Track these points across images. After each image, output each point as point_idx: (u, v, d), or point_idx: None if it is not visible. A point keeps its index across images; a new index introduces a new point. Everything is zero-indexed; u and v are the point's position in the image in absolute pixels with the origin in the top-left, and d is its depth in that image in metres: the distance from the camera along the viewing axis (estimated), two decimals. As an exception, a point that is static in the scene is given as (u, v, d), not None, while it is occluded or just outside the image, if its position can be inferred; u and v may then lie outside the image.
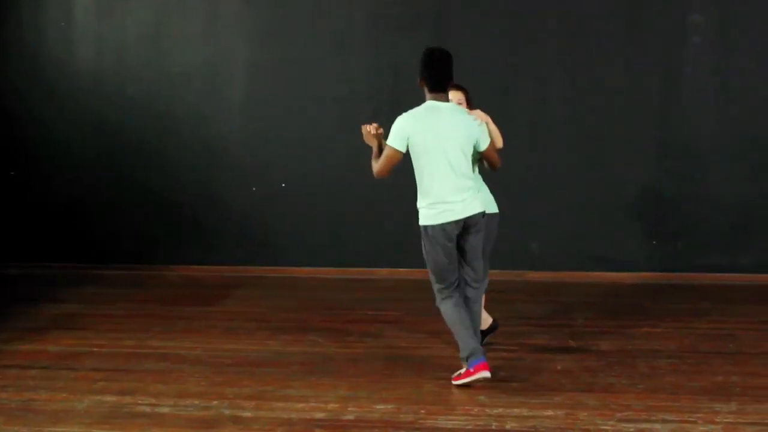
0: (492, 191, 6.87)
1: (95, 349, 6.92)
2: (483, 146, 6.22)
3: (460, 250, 6.18)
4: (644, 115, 9.48)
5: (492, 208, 6.63)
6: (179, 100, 9.95)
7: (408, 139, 6.07)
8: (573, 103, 9.54)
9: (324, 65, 9.65)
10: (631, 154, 9.50)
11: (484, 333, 6.74)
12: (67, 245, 10.14)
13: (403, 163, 6.22)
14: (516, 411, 5.52)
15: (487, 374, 5.91)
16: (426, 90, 6.25)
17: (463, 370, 6.01)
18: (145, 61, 9.98)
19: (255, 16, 9.86)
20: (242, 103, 9.93)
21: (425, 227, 6.13)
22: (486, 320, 6.83)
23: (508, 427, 5.28)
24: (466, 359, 5.99)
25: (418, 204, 6.17)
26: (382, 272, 9.65)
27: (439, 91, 6.21)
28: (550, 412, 5.50)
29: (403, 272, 9.66)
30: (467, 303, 6.24)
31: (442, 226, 6.05)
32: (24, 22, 10.06)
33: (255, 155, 9.88)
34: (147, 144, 9.99)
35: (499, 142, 6.49)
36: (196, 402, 5.71)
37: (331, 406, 5.64)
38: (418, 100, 9.64)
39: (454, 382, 6.02)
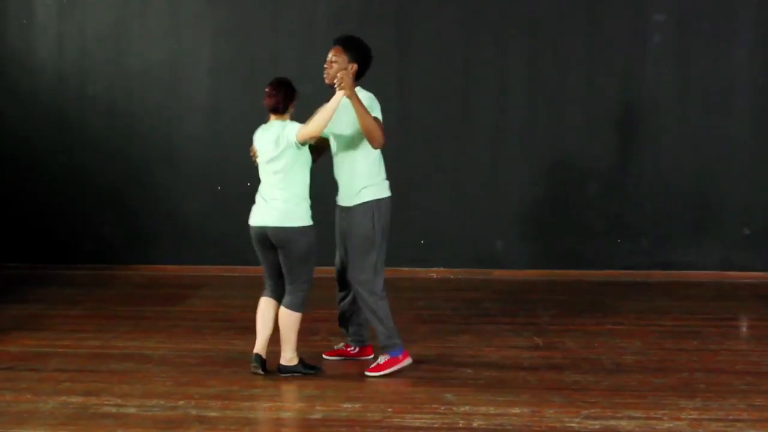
0: (457, 189, 6.86)
1: (59, 350, 6.86)
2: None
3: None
4: (606, 113, 9.54)
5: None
6: (141, 99, 9.88)
7: None
8: (534, 101, 9.58)
9: (286, 63, 9.60)
10: (594, 153, 9.55)
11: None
12: (27, 245, 10.04)
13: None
14: (483, 409, 5.53)
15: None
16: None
17: (386, 358, 6.13)
18: (106, 59, 9.90)
19: (216, 15, 9.82)
20: (204, 102, 9.88)
21: (381, 200, 6.20)
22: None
23: (475, 425, 5.28)
24: (393, 347, 6.16)
25: (367, 181, 6.17)
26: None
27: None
28: (516, 410, 5.52)
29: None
30: None
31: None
32: (-16, 20, 9.95)
33: (218, 154, 9.83)
34: (108, 143, 9.91)
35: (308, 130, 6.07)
36: (162, 402, 5.67)
37: (297, 405, 5.64)
38: (382, 95, 9.67)
39: (379, 373, 6.12)
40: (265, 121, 6.25)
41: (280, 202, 6.07)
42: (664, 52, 9.46)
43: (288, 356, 6.16)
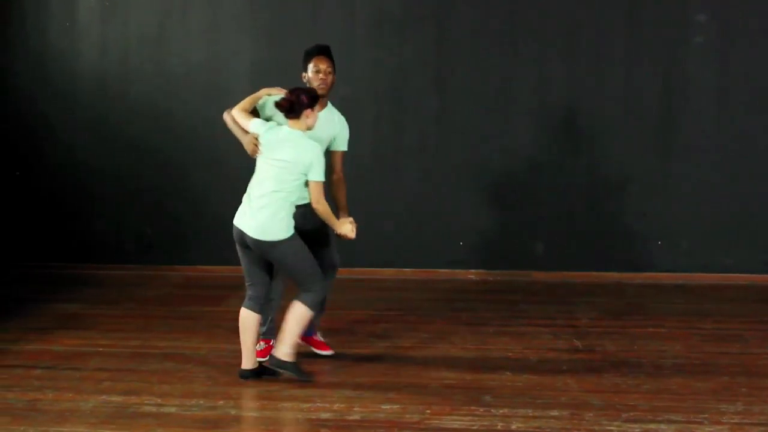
0: (496, 191, 6.85)
1: (100, 349, 6.92)
2: None
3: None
4: (646, 115, 9.46)
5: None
6: (182, 101, 9.94)
7: None
8: (574, 102, 9.53)
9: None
10: (635, 154, 9.49)
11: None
12: (71, 245, 10.13)
13: (398, 163, 6.23)
14: (521, 411, 5.52)
15: None
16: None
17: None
18: (148, 61, 9.98)
19: (258, 16, 9.85)
20: (246, 103, 9.91)
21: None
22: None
23: (513, 427, 5.28)
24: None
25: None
26: (387, 272, 9.64)
27: None
28: (555, 413, 5.50)
29: (407, 272, 9.66)
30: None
31: None
32: (28, 23, 10.05)
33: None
34: (150, 144, 9.98)
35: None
36: (202, 402, 5.71)
37: (336, 406, 5.65)
38: (421, 100, 9.70)
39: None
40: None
41: (267, 211, 6.05)
42: (705, 52, 9.37)
43: (285, 350, 6.08)
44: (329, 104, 6.55)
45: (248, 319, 6.17)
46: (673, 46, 9.40)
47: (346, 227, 6.12)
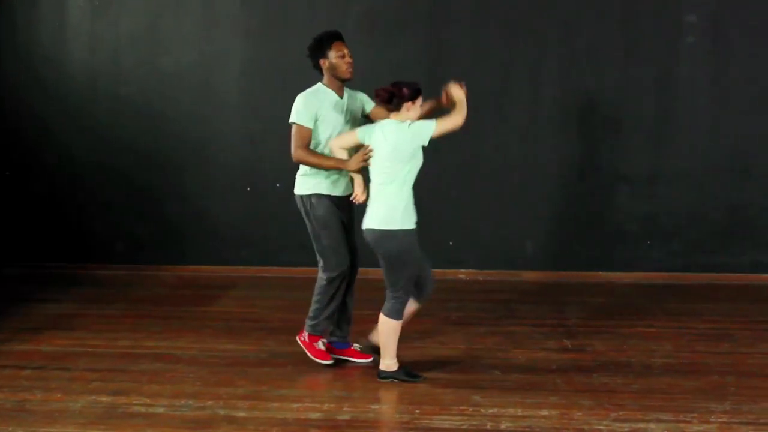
0: (487, 191, 6.84)
1: (90, 349, 6.92)
2: None
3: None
4: (639, 114, 9.48)
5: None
6: (174, 100, 9.92)
7: None
8: (568, 102, 9.53)
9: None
10: (626, 154, 9.50)
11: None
12: (61, 245, 10.12)
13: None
14: (511, 411, 5.54)
15: None
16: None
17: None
18: (139, 60, 9.96)
19: (249, 15, 9.83)
20: (237, 103, 9.91)
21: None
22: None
23: (503, 426, 5.29)
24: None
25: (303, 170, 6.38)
26: (377, 272, 9.60)
27: None
28: (545, 412, 5.51)
29: (398, 272, 9.66)
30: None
31: None
32: (18, 22, 10.03)
33: (249, 155, 9.86)
34: (141, 144, 9.97)
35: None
36: (191, 402, 5.71)
37: (326, 406, 5.65)
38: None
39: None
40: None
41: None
42: (697, 52, 9.39)
43: (386, 362, 6.11)
44: (346, 88, 6.55)
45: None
46: (667, 46, 9.41)
47: (456, 90, 6.22)
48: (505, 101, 9.60)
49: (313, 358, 6.45)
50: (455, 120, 6.04)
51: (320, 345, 6.53)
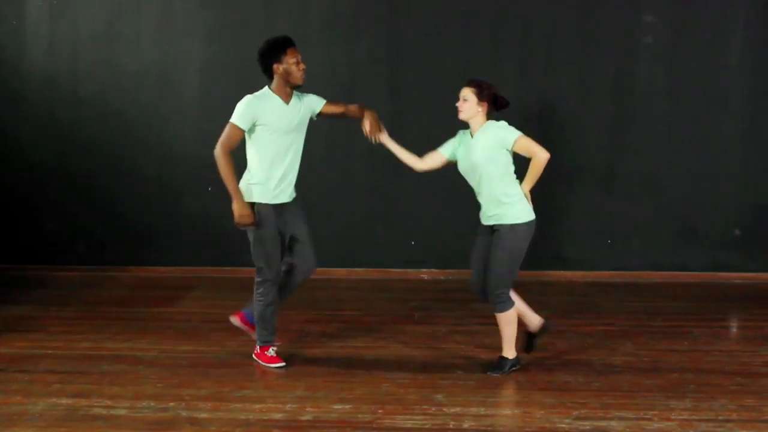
0: (447, 191, 6.82)
1: (50, 351, 6.85)
2: None
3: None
4: (597, 114, 9.54)
5: None
6: (133, 99, 9.86)
7: None
8: (526, 105, 9.57)
9: (279, 64, 9.61)
10: (585, 153, 9.56)
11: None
12: (18, 246, 10.03)
13: (350, 163, 6.25)
14: (473, 410, 5.55)
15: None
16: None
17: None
18: (98, 60, 9.88)
19: (209, 15, 9.80)
20: (197, 102, 9.86)
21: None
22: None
23: (465, 425, 5.30)
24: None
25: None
26: (340, 272, 9.64)
27: None
28: (507, 411, 5.55)
29: (360, 272, 9.68)
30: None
31: None
32: (-25, 21, 9.94)
33: (210, 155, 9.75)
34: (100, 143, 9.89)
35: None
36: (153, 404, 5.67)
37: (288, 406, 5.64)
38: (374, 101, 9.68)
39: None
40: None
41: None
42: (655, 52, 9.47)
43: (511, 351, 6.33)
44: (294, 93, 6.53)
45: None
46: (624, 46, 9.49)
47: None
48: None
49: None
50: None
51: (271, 352, 6.56)
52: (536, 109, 9.57)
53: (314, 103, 6.59)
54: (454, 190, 9.71)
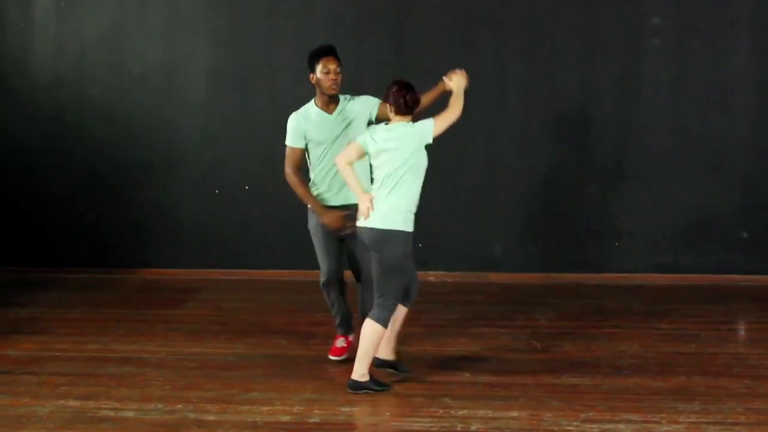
0: (453, 193, 6.85)
1: (57, 354, 6.86)
2: None
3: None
4: (603, 115, 9.53)
5: None
6: (139, 101, 9.86)
7: None
8: (531, 103, 9.56)
9: (283, 66, 9.61)
10: (591, 155, 9.55)
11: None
12: (25, 248, 10.02)
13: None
14: (481, 413, 5.55)
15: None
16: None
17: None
18: (104, 62, 9.88)
19: (214, 17, 9.80)
20: (202, 104, 9.86)
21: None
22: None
23: (473, 428, 5.30)
24: None
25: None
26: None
27: None
28: (515, 414, 5.53)
29: (366, 274, 9.66)
30: None
31: None
32: (-18, 23, 9.96)
33: (216, 157, 9.82)
34: (106, 145, 9.89)
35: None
36: (160, 406, 5.68)
37: (296, 408, 5.64)
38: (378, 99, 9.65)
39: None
40: (266, 122, 6.24)
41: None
42: (660, 54, 9.46)
43: (361, 371, 5.98)
44: (340, 98, 6.63)
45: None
46: (629, 48, 9.47)
47: (458, 78, 6.39)
48: (469, 102, 9.58)
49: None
50: (453, 113, 6.16)
51: (339, 342, 6.72)
52: (540, 110, 9.55)
53: (372, 106, 6.67)
54: (461, 192, 9.75)
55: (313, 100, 6.58)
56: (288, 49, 9.60)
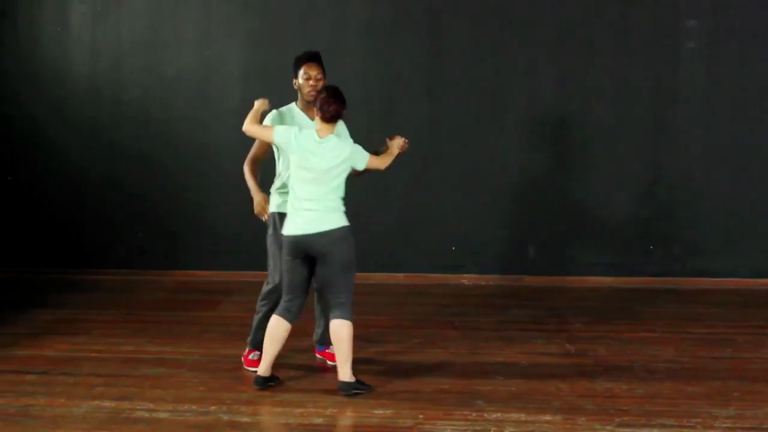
0: (488, 196, 6.80)
1: (93, 355, 6.91)
2: None
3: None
4: (637, 118, 9.48)
5: None
6: (174, 105, 9.93)
7: None
8: (565, 107, 9.54)
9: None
10: (626, 159, 9.51)
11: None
12: (62, 250, 10.12)
13: (391, 169, 6.32)
14: (514, 416, 5.53)
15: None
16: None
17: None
18: (140, 65, 9.97)
19: (249, 21, 9.85)
20: (236, 108, 9.82)
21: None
22: None
23: (506, 431, 5.28)
24: None
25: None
26: (379, 277, 9.63)
27: None
28: (548, 417, 5.51)
29: (400, 277, 9.67)
30: None
31: None
32: (20, 28, 10.04)
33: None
34: (142, 149, 9.97)
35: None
36: (194, 407, 5.70)
37: (329, 411, 5.64)
38: (413, 107, 9.70)
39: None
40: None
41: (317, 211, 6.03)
42: (695, 58, 9.40)
43: (348, 371, 5.99)
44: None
45: (280, 328, 6.08)
46: (664, 51, 9.43)
47: (397, 141, 6.27)
48: (502, 106, 9.61)
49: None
50: (381, 163, 6.21)
51: (253, 356, 6.58)
52: (574, 114, 9.53)
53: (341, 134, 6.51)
54: (495, 195, 9.73)
55: (294, 103, 6.58)
56: (322, 52, 9.59)
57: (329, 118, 6.04)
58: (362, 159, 6.08)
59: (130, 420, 5.50)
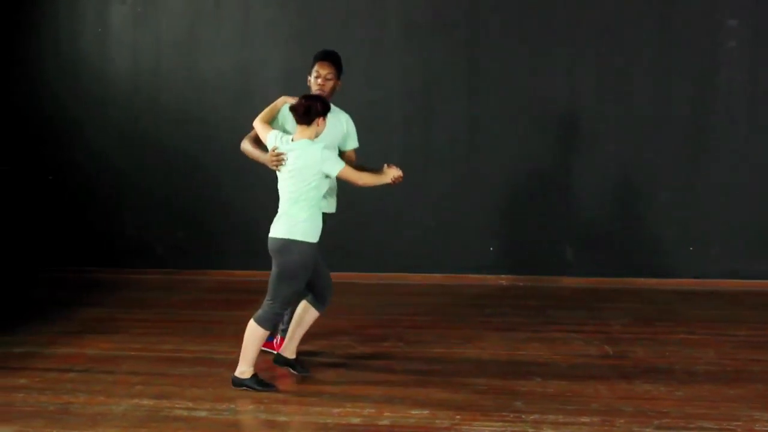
0: (526, 196, 6.79)
1: (132, 353, 6.97)
2: None
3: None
4: (678, 120, 9.41)
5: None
6: (213, 107, 9.98)
7: None
8: (605, 107, 9.49)
9: (357, 69, 9.62)
10: (665, 160, 9.44)
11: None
12: (102, 249, 10.21)
13: (428, 168, 6.25)
14: (552, 417, 5.51)
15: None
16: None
17: None
18: (179, 67, 10.04)
19: (288, 22, 9.89)
20: (276, 109, 9.93)
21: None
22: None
23: (544, 433, 5.27)
24: None
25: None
26: (416, 277, 9.64)
27: None
28: (586, 419, 5.48)
29: (437, 277, 9.66)
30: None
31: None
32: (61, 29, 10.15)
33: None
34: (181, 150, 10.04)
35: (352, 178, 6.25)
36: (233, 406, 5.74)
37: (366, 411, 5.65)
38: (451, 106, 9.69)
39: None
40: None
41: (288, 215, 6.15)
42: (737, 57, 9.32)
43: (242, 369, 6.09)
44: (332, 107, 6.50)
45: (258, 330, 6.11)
46: (704, 51, 9.35)
47: (393, 171, 6.11)
48: (541, 107, 9.57)
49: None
50: (360, 179, 6.08)
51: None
52: (613, 115, 9.47)
53: (348, 135, 6.64)
54: (533, 196, 9.69)
55: None
56: (361, 53, 9.63)
57: (299, 120, 6.05)
58: (333, 167, 5.97)
59: (169, 418, 5.53)
